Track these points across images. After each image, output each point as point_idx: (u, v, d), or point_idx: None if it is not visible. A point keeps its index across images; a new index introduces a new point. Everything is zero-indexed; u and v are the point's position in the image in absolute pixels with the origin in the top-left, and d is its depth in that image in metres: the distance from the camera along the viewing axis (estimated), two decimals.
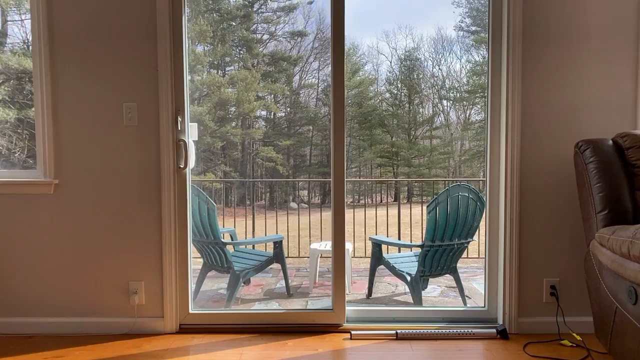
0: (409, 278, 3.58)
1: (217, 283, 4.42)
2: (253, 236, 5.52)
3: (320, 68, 25.26)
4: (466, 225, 3.57)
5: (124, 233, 2.80)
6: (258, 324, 2.86)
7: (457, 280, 3.75)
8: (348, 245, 4.36)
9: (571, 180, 2.73)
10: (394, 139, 20.51)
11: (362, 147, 25.01)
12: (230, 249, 4.08)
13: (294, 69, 24.38)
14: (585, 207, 2.43)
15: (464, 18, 24.81)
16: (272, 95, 23.37)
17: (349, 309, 2.89)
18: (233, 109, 21.29)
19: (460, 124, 25.90)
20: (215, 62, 22.17)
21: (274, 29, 23.57)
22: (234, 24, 22.36)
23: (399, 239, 5.54)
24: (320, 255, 4.36)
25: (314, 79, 25.44)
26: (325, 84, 25.20)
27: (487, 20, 2.83)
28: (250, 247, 4.72)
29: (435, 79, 26.34)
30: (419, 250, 3.74)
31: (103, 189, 2.78)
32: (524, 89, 2.71)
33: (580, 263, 2.75)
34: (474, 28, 25.02)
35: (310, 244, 5.07)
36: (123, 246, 2.81)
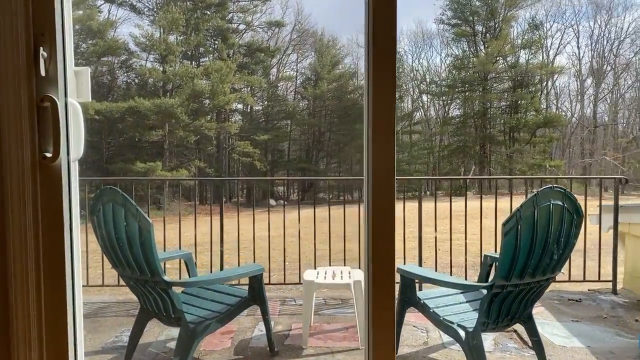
0: (463, 334, 2.16)
1: (167, 329, 2.93)
2: (221, 252, 3.98)
3: (299, 60, 23.65)
4: (558, 251, 2.16)
5: None
6: None
7: (533, 331, 2.35)
8: (357, 274, 2.92)
9: None
10: None
11: (342, 142, 23.48)
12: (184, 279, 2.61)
13: (272, 61, 22.65)
14: None
15: (445, 11, 23.63)
16: (249, 88, 21.66)
17: None
18: (207, 101, 19.47)
19: (440, 119, 24.77)
20: (189, 53, 20.28)
21: (250, 19, 21.82)
22: (208, 12, 20.49)
23: (416, 259, 3.96)
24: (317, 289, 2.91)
25: (292, 72, 23.75)
26: (304, 77, 23.66)
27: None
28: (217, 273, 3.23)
29: (415, 73, 25.17)
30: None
31: None
32: None
33: None
34: (454, 21, 23.85)
35: (301, 271, 3.55)
36: None
